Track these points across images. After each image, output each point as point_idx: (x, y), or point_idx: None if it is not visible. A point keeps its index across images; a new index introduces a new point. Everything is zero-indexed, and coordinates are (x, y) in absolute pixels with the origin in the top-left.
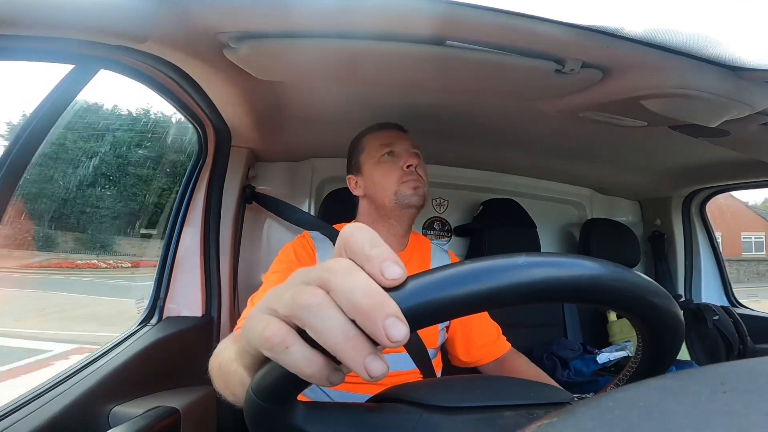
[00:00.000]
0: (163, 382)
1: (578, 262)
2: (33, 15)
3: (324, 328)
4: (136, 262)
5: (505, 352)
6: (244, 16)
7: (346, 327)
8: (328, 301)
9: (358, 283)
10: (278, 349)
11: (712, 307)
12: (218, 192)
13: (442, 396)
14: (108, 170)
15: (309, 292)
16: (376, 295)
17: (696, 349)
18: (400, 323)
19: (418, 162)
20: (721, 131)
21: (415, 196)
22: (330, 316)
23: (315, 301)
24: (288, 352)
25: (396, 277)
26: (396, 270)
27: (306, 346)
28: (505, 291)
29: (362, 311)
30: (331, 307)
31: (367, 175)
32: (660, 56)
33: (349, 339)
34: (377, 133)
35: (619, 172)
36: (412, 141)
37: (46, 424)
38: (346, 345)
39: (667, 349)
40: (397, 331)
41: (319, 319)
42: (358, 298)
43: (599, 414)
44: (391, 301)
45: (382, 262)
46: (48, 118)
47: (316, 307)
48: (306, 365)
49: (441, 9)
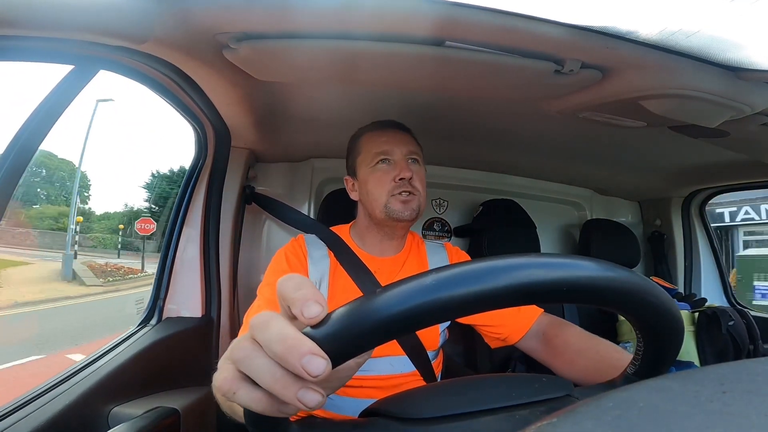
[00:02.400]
0: (163, 383)
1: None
2: (33, 15)
3: (256, 375)
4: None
5: (533, 322)
6: (244, 17)
7: (272, 370)
8: (255, 351)
9: (273, 333)
10: (228, 394)
11: (728, 312)
12: (218, 192)
13: (419, 407)
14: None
15: (240, 346)
16: (289, 339)
17: (707, 353)
18: (316, 358)
19: (412, 174)
20: (721, 132)
21: (405, 211)
22: (258, 364)
23: (244, 354)
24: (236, 396)
25: (314, 315)
26: (314, 309)
27: (251, 389)
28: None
29: (280, 357)
30: (258, 356)
31: (361, 180)
32: (660, 57)
33: (276, 381)
34: (374, 134)
35: (618, 173)
36: (410, 146)
37: (45, 425)
38: (276, 385)
39: (666, 349)
40: (314, 366)
41: (251, 367)
42: (274, 347)
43: (599, 414)
44: (306, 341)
45: (303, 303)
46: (48, 118)
47: (246, 359)
48: (254, 404)
49: (440, 10)
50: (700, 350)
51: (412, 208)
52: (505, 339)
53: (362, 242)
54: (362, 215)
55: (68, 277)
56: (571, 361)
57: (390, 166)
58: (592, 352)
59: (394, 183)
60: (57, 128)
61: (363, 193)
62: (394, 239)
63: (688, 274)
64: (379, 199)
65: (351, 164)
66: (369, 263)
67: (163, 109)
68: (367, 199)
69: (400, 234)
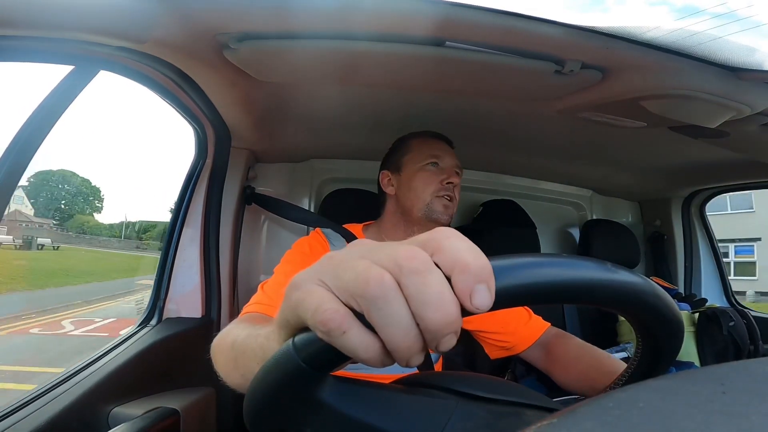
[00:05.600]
0: (163, 383)
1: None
2: (33, 15)
3: (386, 325)
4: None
5: (541, 334)
6: (244, 17)
7: (407, 327)
8: (395, 295)
9: (433, 294)
10: (335, 333)
11: (728, 312)
12: (218, 193)
13: (474, 386)
14: None
15: (376, 280)
16: (449, 313)
17: (707, 354)
18: (454, 338)
19: (458, 182)
20: (721, 132)
21: (444, 215)
22: (395, 313)
23: (381, 293)
24: (345, 337)
25: (481, 308)
26: (485, 300)
27: (364, 331)
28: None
29: (430, 325)
30: (397, 302)
31: (405, 176)
32: (659, 57)
33: (407, 339)
34: (429, 140)
35: (618, 173)
36: (457, 161)
37: (45, 425)
38: (403, 343)
39: (666, 349)
40: (448, 345)
41: (383, 314)
42: (429, 311)
43: (599, 414)
44: (459, 320)
45: (477, 282)
46: (48, 119)
47: (382, 300)
48: (363, 350)
49: (440, 10)
50: (700, 350)
51: (450, 213)
52: (511, 348)
53: (380, 240)
54: (393, 211)
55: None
56: (566, 368)
57: (439, 170)
58: (586, 359)
59: (440, 185)
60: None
61: (404, 188)
62: None
63: (688, 274)
64: (423, 196)
65: (395, 160)
66: None
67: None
68: (408, 195)
69: None
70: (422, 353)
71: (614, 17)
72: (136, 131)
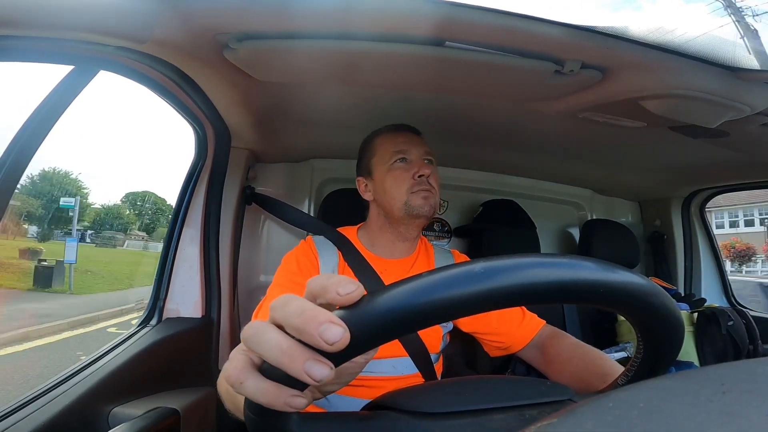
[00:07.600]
0: (163, 383)
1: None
2: (33, 15)
3: (264, 350)
4: None
5: (535, 333)
6: (244, 17)
7: (280, 341)
8: (266, 326)
9: (292, 308)
10: (236, 384)
11: (727, 312)
12: (218, 193)
13: (430, 402)
14: None
15: (252, 325)
16: (308, 311)
17: (706, 353)
18: (334, 326)
19: (430, 171)
20: (721, 132)
21: (425, 207)
22: (267, 338)
23: (254, 331)
24: (243, 387)
25: (350, 291)
26: (349, 286)
27: (258, 379)
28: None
29: (298, 328)
30: (268, 330)
31: (377, 180)
32: (659, 57)
33: (284, 351)
34: (390, 135)
35: (618, 173)
36: (425, 147)
37: (46, 425)
38: (284, 357)
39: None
40: (332, 333)
41: (259, 343)
42: (292, 320)
43: (599, 414)
44: (324, 312)
45: (338, 283)
46: (48, 118)
47: (254, 335)
48: (260, 395)
49: (440, 10)
50: (699, 350)
51: (431, 204)
52: (507, 348)
53: (371, 243)
54: (375, 216)
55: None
56: (561, 368)
57: (408, 164)
58: (578, 360)
59: (413, 180)
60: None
61: (379, 192)
62: (407, 240)
63: (688, 274)
64: (399, 196)
65: (365, 165)
66: (375, 265)
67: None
68: (385, 197)
69: (414, 234)
70: (312, 360)
71: (646, 16)
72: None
